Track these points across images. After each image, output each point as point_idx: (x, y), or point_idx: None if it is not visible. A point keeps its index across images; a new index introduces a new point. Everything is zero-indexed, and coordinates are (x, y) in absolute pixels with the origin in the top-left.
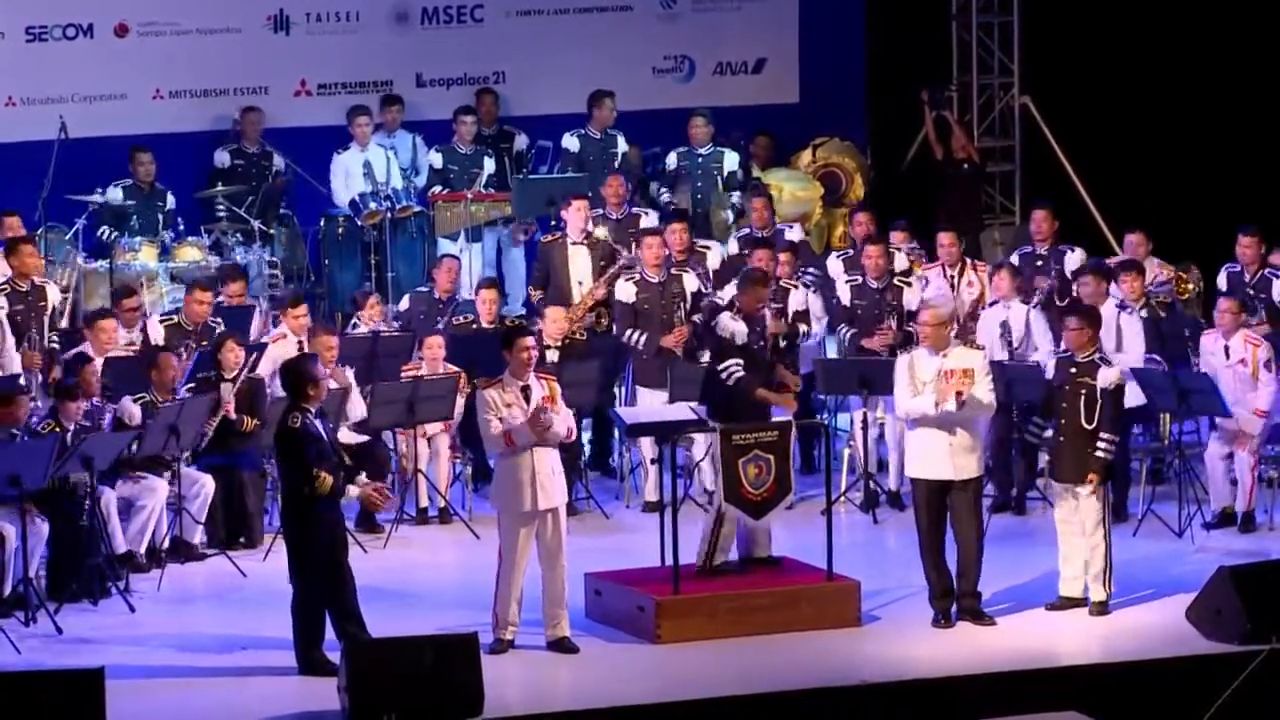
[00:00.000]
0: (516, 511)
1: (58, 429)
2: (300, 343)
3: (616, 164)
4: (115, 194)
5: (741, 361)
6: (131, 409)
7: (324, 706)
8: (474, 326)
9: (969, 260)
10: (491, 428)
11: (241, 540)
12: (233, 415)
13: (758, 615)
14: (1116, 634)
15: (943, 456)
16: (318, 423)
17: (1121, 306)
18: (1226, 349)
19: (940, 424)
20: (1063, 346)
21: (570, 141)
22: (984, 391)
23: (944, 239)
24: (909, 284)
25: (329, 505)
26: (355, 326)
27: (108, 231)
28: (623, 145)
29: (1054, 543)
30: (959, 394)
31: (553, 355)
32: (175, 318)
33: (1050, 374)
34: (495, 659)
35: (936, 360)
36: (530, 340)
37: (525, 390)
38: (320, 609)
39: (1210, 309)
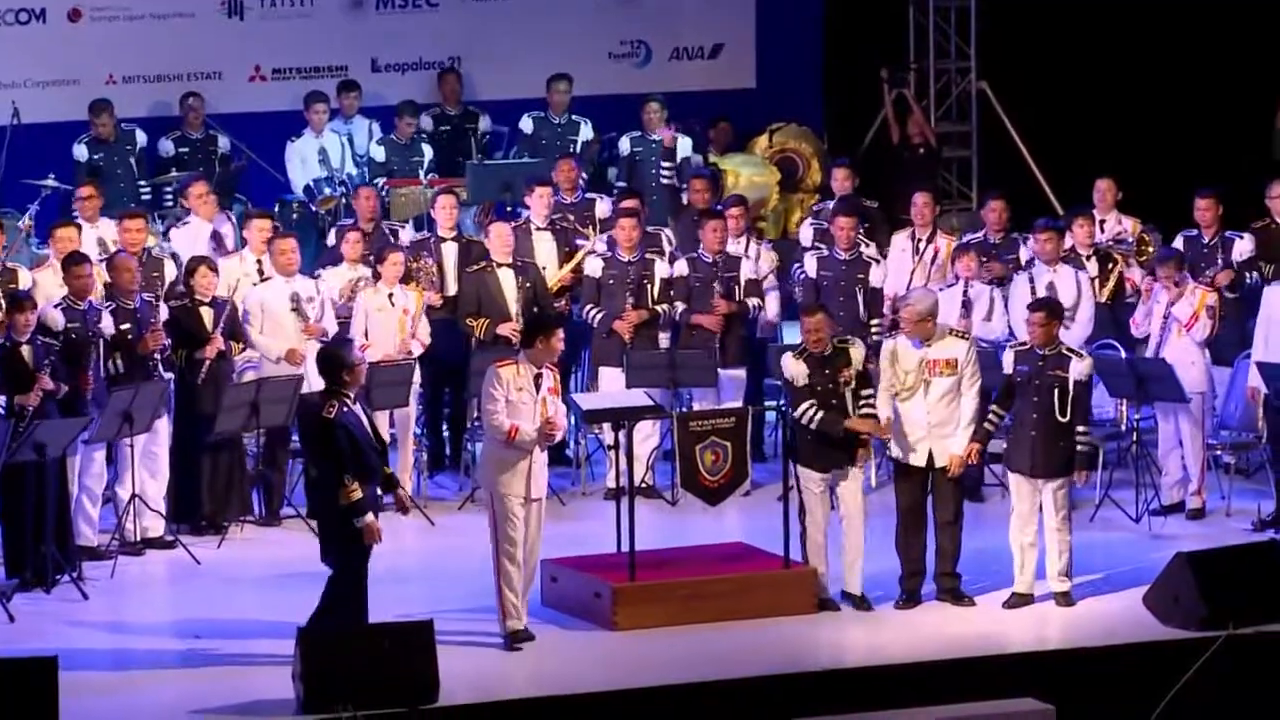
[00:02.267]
0: (517, 497)
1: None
2: (259, 263)
3: (576, 149)
4: (81, 151)
5: (814, 401)
6: (52, 314)
7: (278, 695)
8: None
9: (939, 229)
10: (497, 415)
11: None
12: (221, 346)
13: (716, 602)
14: (1073, 620)
15: (929, 440)
16: (356, 408)
17: (1070, 260)
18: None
19: (927, 408)
20: (1020, 339)
21: (526, 123)
22: (968, 384)
23: (919, 199)
24: (876, 260)
25: (367, 491)
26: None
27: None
28: (587, 133)
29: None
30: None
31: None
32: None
33: (1008, 366)
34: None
35: (919, 351)
36: (561, 334)
37: (537, 378)
38: (361, 594)
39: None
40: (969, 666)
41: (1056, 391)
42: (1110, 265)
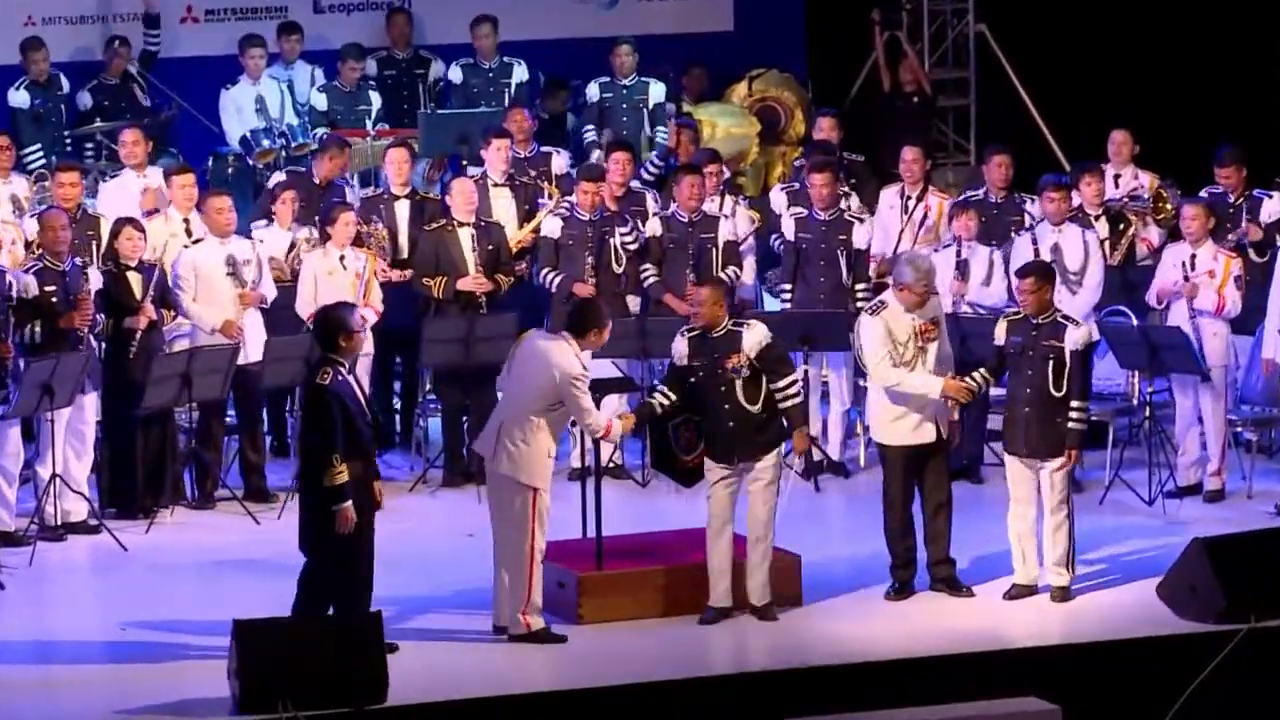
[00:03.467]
0: (546, 487)
1: None
2: (186, 220)
3: (510, 96)
4: (21, 97)
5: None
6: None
7: (211, 694)
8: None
9: (930, 185)
10: (594, 411)
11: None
12: (153, 315)
13: (691, 593)
14: (1080, 613)
15: (919, 420)
16: (350, 379)
17: (1077, 220)
18: (1193, 258)
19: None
20: (1011, 308)
21: (455, 73)
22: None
23: (908, 154)
24: (860, 220)
25: (356, 468)
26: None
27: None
28: (521, 74)
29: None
30: (970, 391)
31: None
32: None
33: (1000, 337)
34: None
35: (910, 319)
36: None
37: None
38: (330, 591)
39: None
40: (967, 663)
41: (1051, 363)
42: (1123, 225)
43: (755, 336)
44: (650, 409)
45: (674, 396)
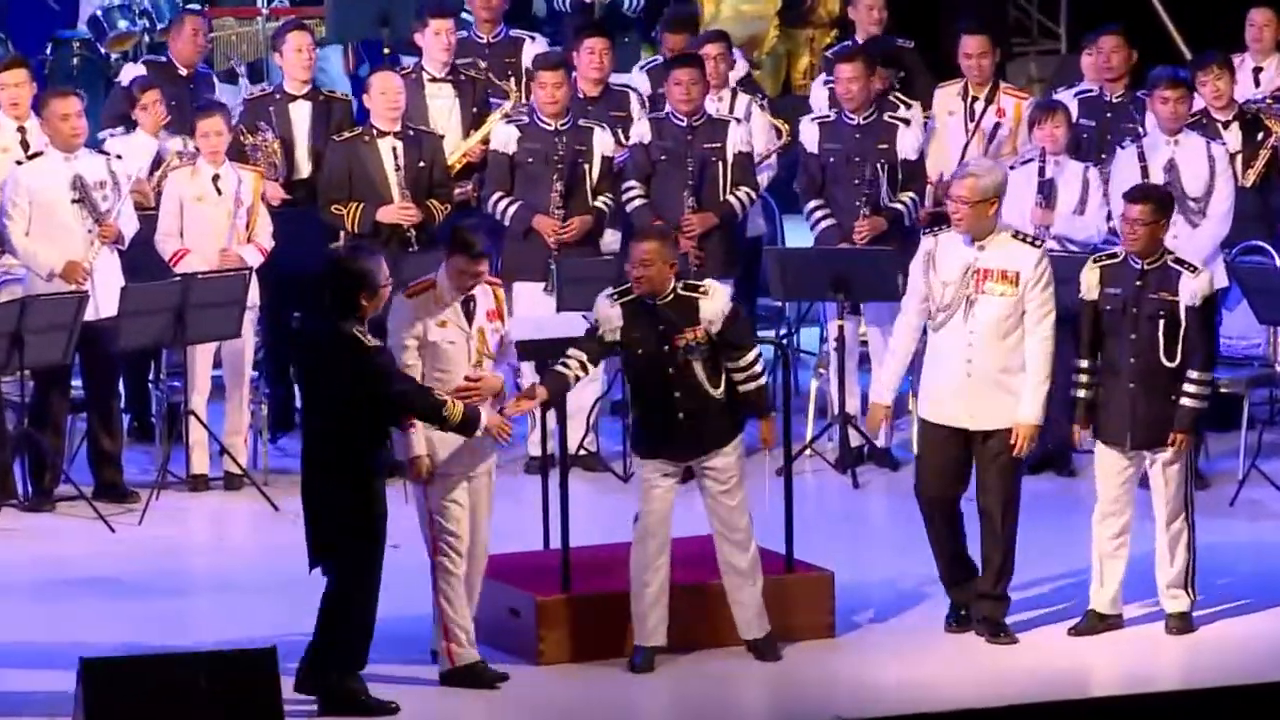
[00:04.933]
0: (457, 474)
1: None
2: (22, 129)
3: None
4: None
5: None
6: None
7: None
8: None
9: (1001, 83)
10: (405, 361)
11: None
12: None
13: (685, 623)
14: (1200, 650)
15: (967, 393)
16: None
17: (1198, 128)
18: None
19: (967, 339)
20: (1106, 249)
21: None
22: (1036, 318)
23: (971, 44)
24: (906, 122)
25: (384, 457)
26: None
27: None
28: None
29: None
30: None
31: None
32: None
33: (1090, 289)
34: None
35: (969, 253)
36: (484, 266)
37: (468, 305)
38: (372, 609)
39: None
40: (1051, 716)
41: (1163, 323)
42: (1262, 135)
43: (716, 304)
44: (564, 381)
45: (590, 367)
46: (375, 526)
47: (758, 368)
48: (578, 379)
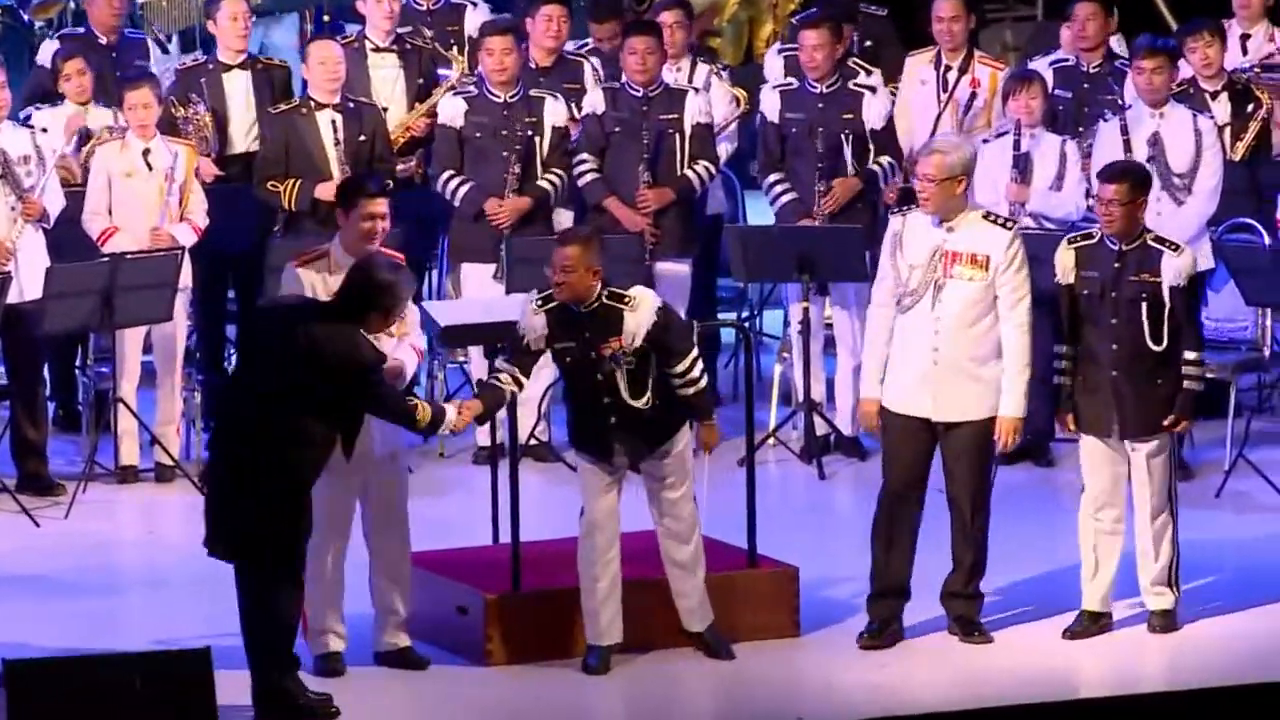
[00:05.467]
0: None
1: None
2: None
3: None
4: None
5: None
6: None
7: None
8: None
9: (976, 52)
10: None
11: None
12: None
13: (641, 620)
14: (1186, 649)
15: (933, 381)
16: None
17: (1185, 100)
18: None
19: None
20: (1081, 229)
21: None
22: (1009, 304)
23: (943, 8)
24: (871, 89)
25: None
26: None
27: None
28: None
29: None
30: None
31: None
32: None
33: (1066, 272)
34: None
35: (937, 234)
36: (382, 205)
37: None
38: (297, 609)
39: None
40: (1020, 717)
41: (1146, 306)
42: (1252, 106)
43: (640, 316)
44: (499, 396)
45: (521, 379)
46: (304, 528)
47: (694, 372)
48: (513, 394)
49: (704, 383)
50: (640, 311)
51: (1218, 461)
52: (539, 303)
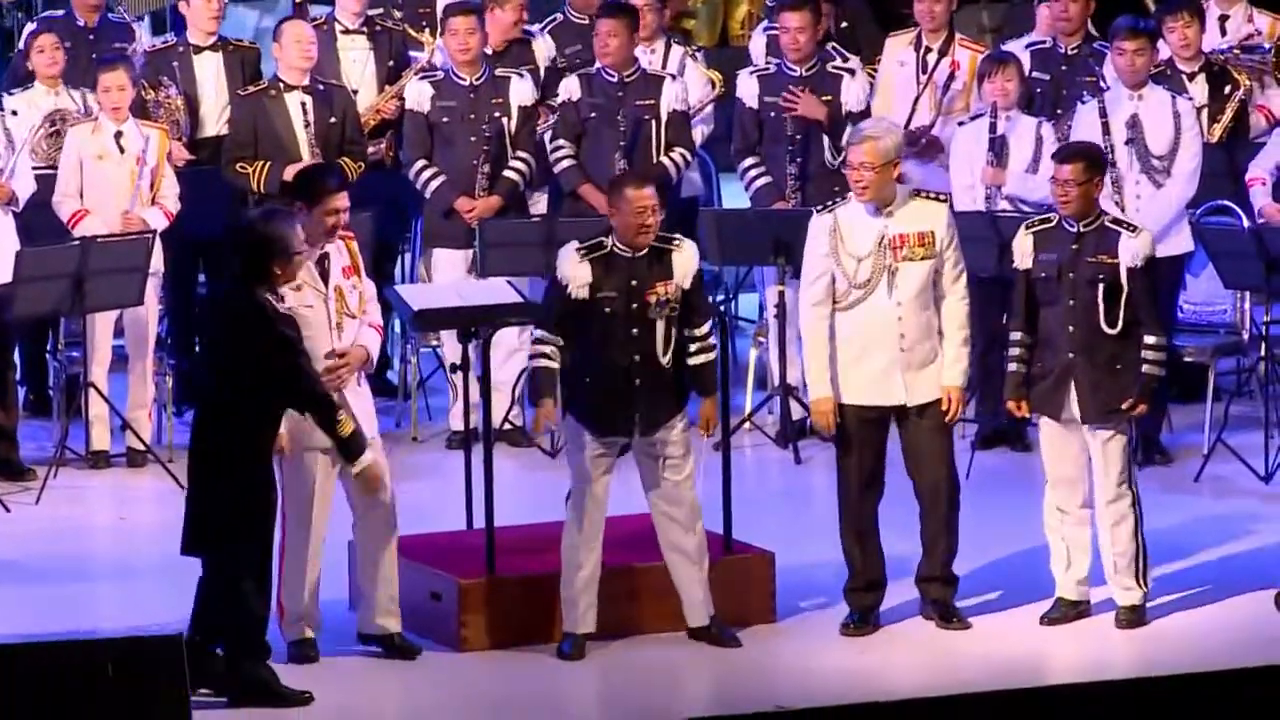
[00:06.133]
0: (316, 450)
1: None
2: None
3: None
4: None
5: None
6: None
7: None
8: None
9: (956, 34)
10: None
11: None
12: None
13: (619, 606)
14: (1164, 635)
15: (891, 369)
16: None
17: (1162, 81)
18: None
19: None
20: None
21: None
22: (951, 277)
23: None
24: (850, 72)
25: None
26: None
27: None
28: None
29: None
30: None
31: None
32: None
33: (1024, 257)
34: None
35: (878, 223)
36: (344, 199)
37: (322, 263)
38: (266, 597)
39: None
40: (1000, 703)
41: (1102, 288)
42: (1229, 88)
43: (687, 255)
44: (550, 375)
45: (560, 341)
46: (259, 514)
47: (712, 339)
48: (558, 362)
49: (716, 355)
50: (686, 250)
51: (1196, 446)
52: (584, 250)
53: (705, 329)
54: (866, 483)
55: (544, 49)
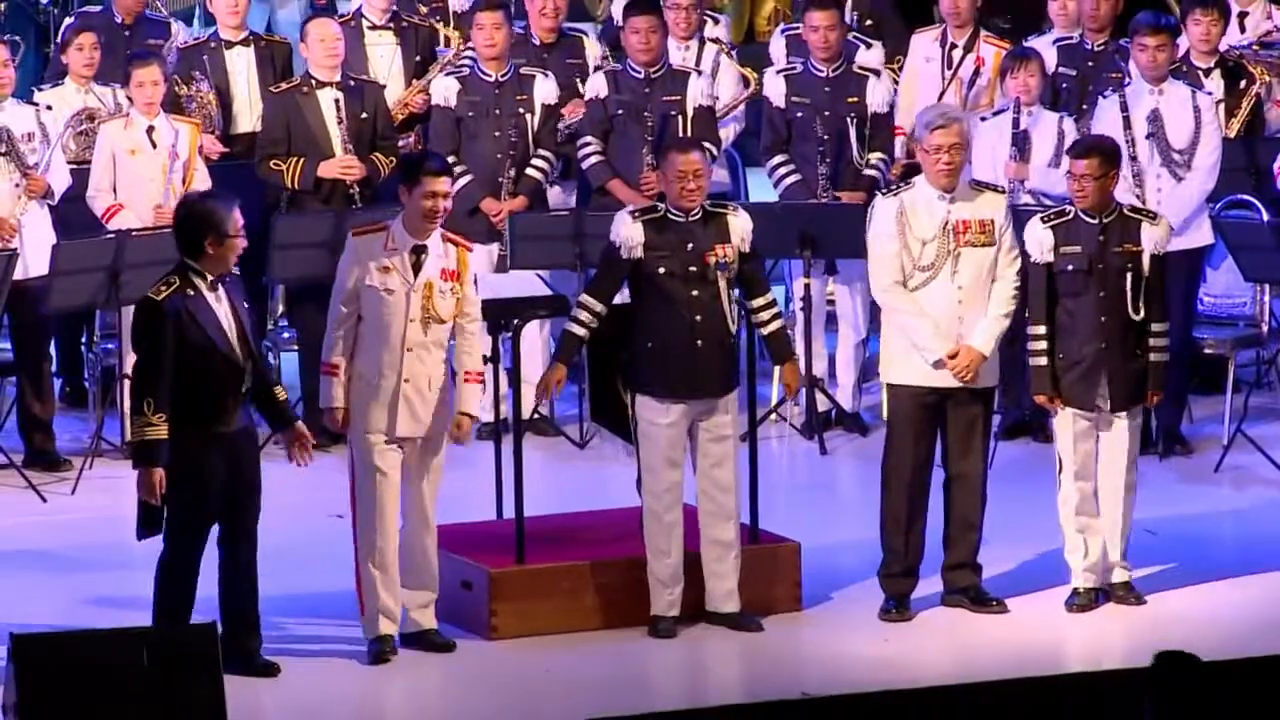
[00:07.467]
0: (379, 435)
1: None
2: None
3: None
4: None
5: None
6: None
7: None
8: None
9: (982, 31)
10: (340, 308)
11: None
12: None
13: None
14: (1180, 624)
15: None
16: (215, 299)
17: (1182, 76)
18: None
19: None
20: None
21: None
22: (1006, 262)
23: None
24: (876, 73)
25: (223, 420)
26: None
27: None
28: None
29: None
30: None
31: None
32: None
33: (1041, 250)
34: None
35: (942, 207)
36: (445, 183)
37: (416, 255)
38: (191, 579)
39: None
40: (1023, 690)
41: (1130, 276)
42: (1245, 83)
43: (743, 220)
44: (573, 340)
45: (600, 307)
46: (185, 493)
47: (776, 308)
48: (588, 328)
49: (784, 321)
50: (742, 215)
51: (1216, 436)
52: (637, 214)
53: (769, 297)
54: (920, 465)
55: (594, 48)
